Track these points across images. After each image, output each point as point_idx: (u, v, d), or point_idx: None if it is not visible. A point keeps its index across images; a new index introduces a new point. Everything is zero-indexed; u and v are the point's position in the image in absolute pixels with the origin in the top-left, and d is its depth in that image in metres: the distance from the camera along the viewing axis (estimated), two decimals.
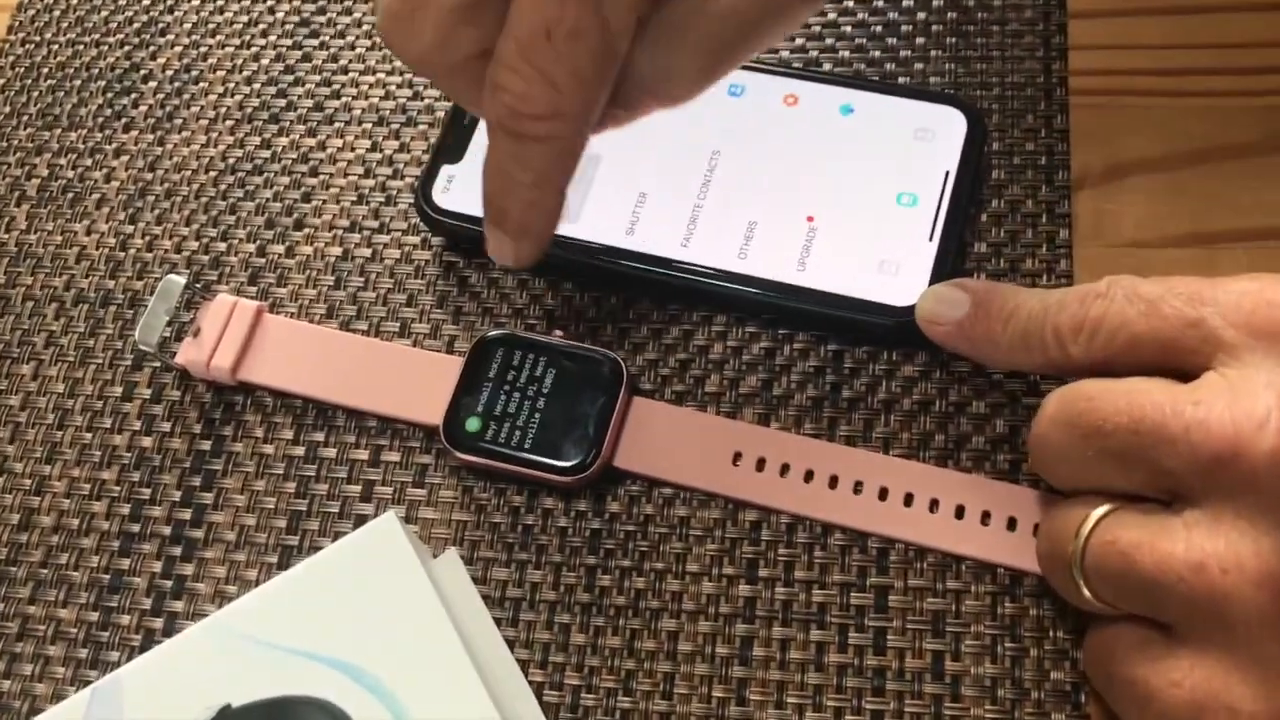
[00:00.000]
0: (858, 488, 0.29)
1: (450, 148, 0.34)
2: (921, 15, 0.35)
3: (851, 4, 0.36)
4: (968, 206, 0.31)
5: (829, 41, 0.35)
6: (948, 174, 0.31)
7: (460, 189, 0.33)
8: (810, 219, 0.31)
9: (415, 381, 0.31)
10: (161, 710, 0.26)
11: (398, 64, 0.37)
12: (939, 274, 0.30)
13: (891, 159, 0.32)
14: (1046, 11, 0.35)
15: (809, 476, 0.29)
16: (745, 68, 0.33)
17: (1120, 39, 0.34)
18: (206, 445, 0.32)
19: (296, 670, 0.26)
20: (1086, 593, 0.24)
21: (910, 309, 0.29)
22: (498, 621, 0.29)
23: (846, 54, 0.35)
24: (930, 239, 0.30)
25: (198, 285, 0.34)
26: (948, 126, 0.32)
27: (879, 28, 0.35)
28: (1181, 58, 0.34)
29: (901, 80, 0.34)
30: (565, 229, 0.32)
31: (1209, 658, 0.22)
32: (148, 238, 0.36)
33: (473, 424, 0.30)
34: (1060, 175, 0.32)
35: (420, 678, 0.26)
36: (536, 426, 0.30)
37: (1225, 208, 0.31)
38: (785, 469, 0.29)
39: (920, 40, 0.35)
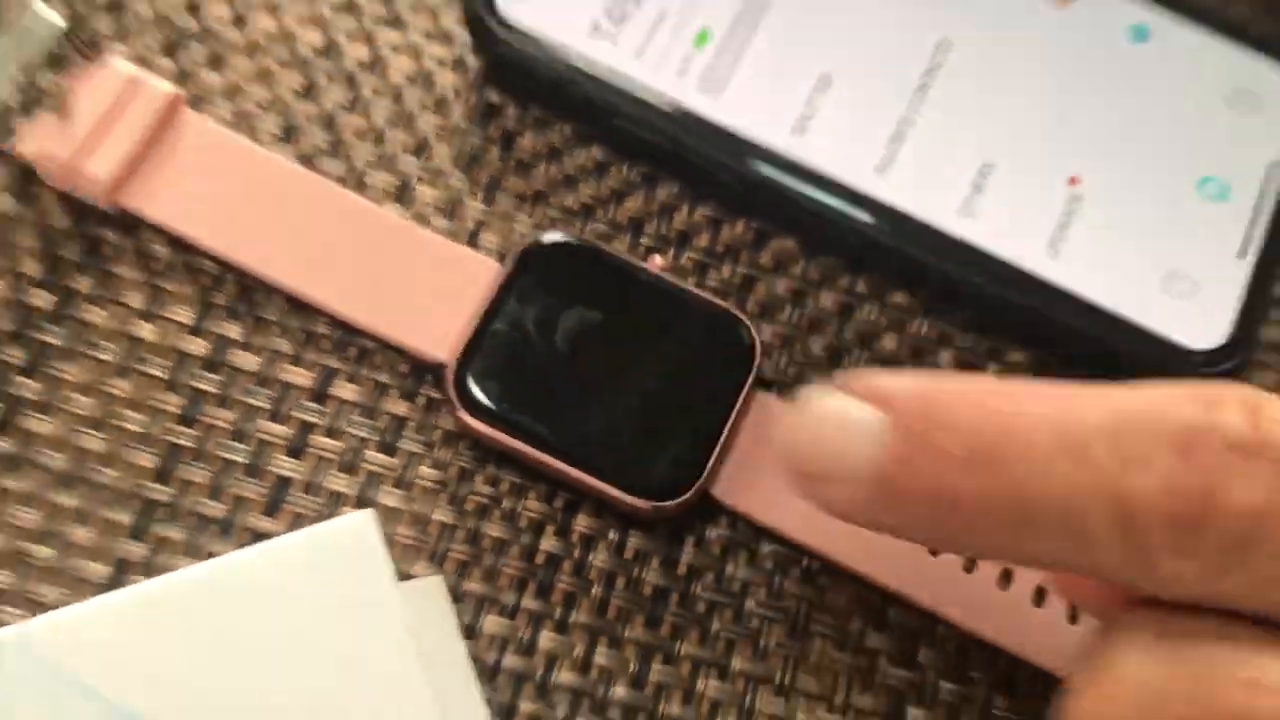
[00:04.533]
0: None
1: None
2: None
3: None
4: None
5: None
6: (1274, 166, 0.21)
7: (540, 3, 0.21)
8: (1074, 181, 0.20)
9: (416, 281, 0.19)
10: None
11: None
12: (1249, 312, 0.20)
13: (1195, 126, 0.21)
14: None
15: (1007, 575, 0.19)
16: None
17: None
18: (40, 300, 0.19)
19: None
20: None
21: (1210, 355, 0.19)
22: (490, 703, 0.17)
23: None
24: (1242, 255, 0.20)
25: (80, 37, 0.20)
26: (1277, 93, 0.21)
27: None
28: None
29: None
30: (694, 101, 0.20)
31: None
32: None
33: (500, 375, 0.18)
34: None
35: None
36: (602, 406, 0.18)
37: None
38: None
39: None
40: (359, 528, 0.16)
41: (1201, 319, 0.20)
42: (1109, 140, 0.21)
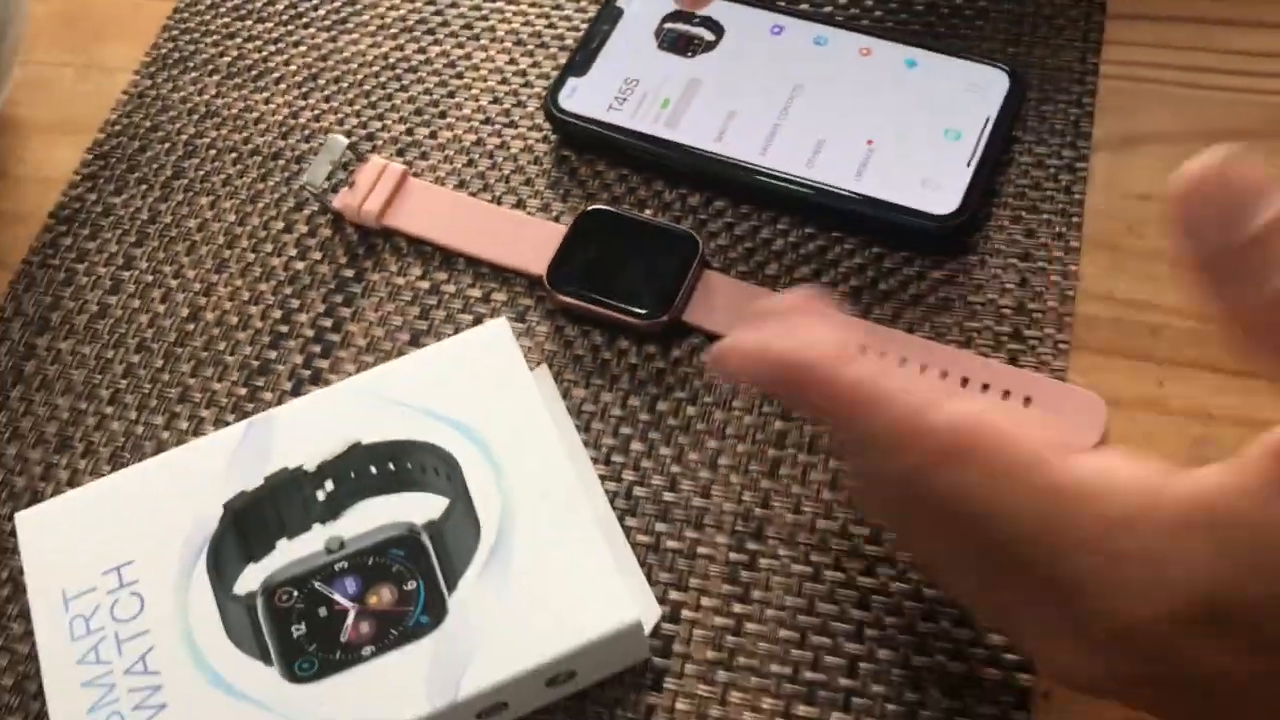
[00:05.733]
0: (881, 356, 0.35)
1: (578, 64, 0.41)
2: (984, 2, 0.42)
3: None
4: (1001, 150, 0.37)
5: (903, 16, 0.42)
6: (988, 119, 0.37)
7: (582, 96, 0.40)
8: (870, 142, 0.38)
9: (526, 239, 0.38)
10: (305, 442, 0.32)
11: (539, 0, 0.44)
12: (971, 193, 0.36)
13: (944, 103, 0.38)
14: (1088, 11, 0.41)
15: None
16: (824, 22, 0.40)
17: (1150, 39, 0.40)
18: (350, 274, 0.39)
19: (418, 423, 0.32)
20: None
21: (947, 217, 0.36)
22: (575, 428, 0.35)
23: (918, 27, 0.41)
24: (968, 165, 0.37)
25: (355, 150, 0.41)
26: (995, 84, 0.38)
27: (945, 6, 0.42)
28: (1202, 58, 0.40)
29: (958, 44, 0.40)
30: (664, 132, 0.38)
31: None
32: (316, 112, 0.43)
33: (567, 277, 0.36)
34: (1083, 140, 0.38)
35: (516, 445, 0.32)
36: (622, 280, 0.36)
37: None
38: None
39: (980, 22, 0.41)
40: (499, 327, 0.34)
41: (945, 200, 0.36)
42: (893, 117, 0.38)
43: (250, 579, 0.30)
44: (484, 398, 0.32)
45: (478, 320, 0.37)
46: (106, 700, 0.29)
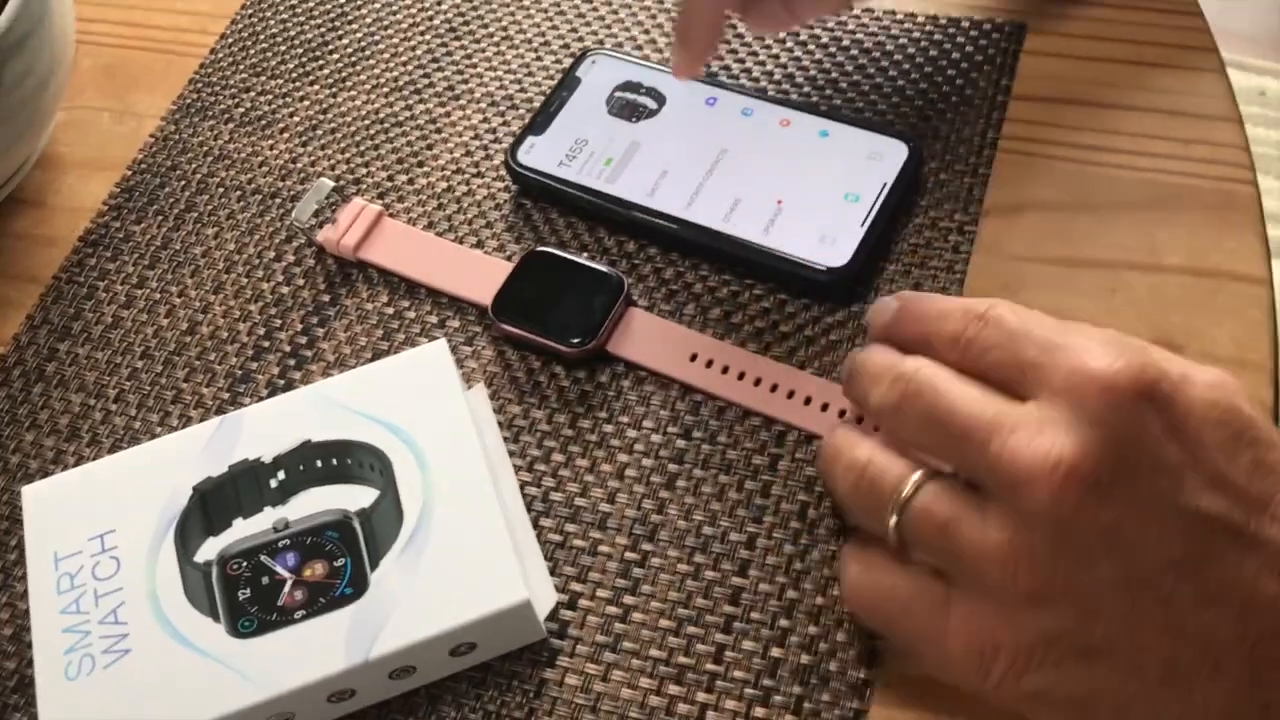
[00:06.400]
0: (773, 388, 0.40)
1: (538, 124, 0.46)
2: (894, 76, 0.47)
3: (860, 61, 0.48)
4: (896, 210, 0.42)
5: (827, 91, 0.47)
6: (885, 184, 0.42)
7: (539, 153, 0.45)
8: (780, 201, 0.43)
9: (478, 274, 0.44)
10: (266, 438, 0.38)
11: (513, 66, 0.50)
12: (862, 249, 0.41)
13: (847, 169, 0.43)
14: (994, 92, 0.46)
15: (740, 375, 0.40)
16: (754, 96, 0.45)
17: (1046, 118, 0.45)
18: (326, 298, 0.45)
19: (361, 426, 0.37)
20: (892, 533, 0.32)
21: (838, 269, 0.41)
22: (504, 439, 0.40)
23: (839, 101, 0.47)
24: (861, 225, 0.42)
25: (341, 192, 0.47)
26: (894, 153, 0.43)
27: (867, 85, 0.47)
28: (1090, 137, 0.45)
29: (870, 117, 0.45)
30: (604, 187, 0.44)
31: (981, 610, 0.31)
32: (313, 158, 0.49)
33: (510, 307, 0.42)
34: (975, 205, 0.43)
35: (442, 448, 0.37)
36: (557, 313, 0.42)
37: (1096, 242, 0.42)
38: (725, 369, 0.40)
39: (896, 99, 0.46)
40: (439, 348, 0.39)
41: (838, 254, 0.41)
42: (801, 180, 0.43)
43: (209, 550, 0.36)
44: (419, 407, 0.38)
45: (433, 340, 0.43)
46: (82, 645, 0.35)
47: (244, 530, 0.36)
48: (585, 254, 0.44)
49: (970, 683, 0.31)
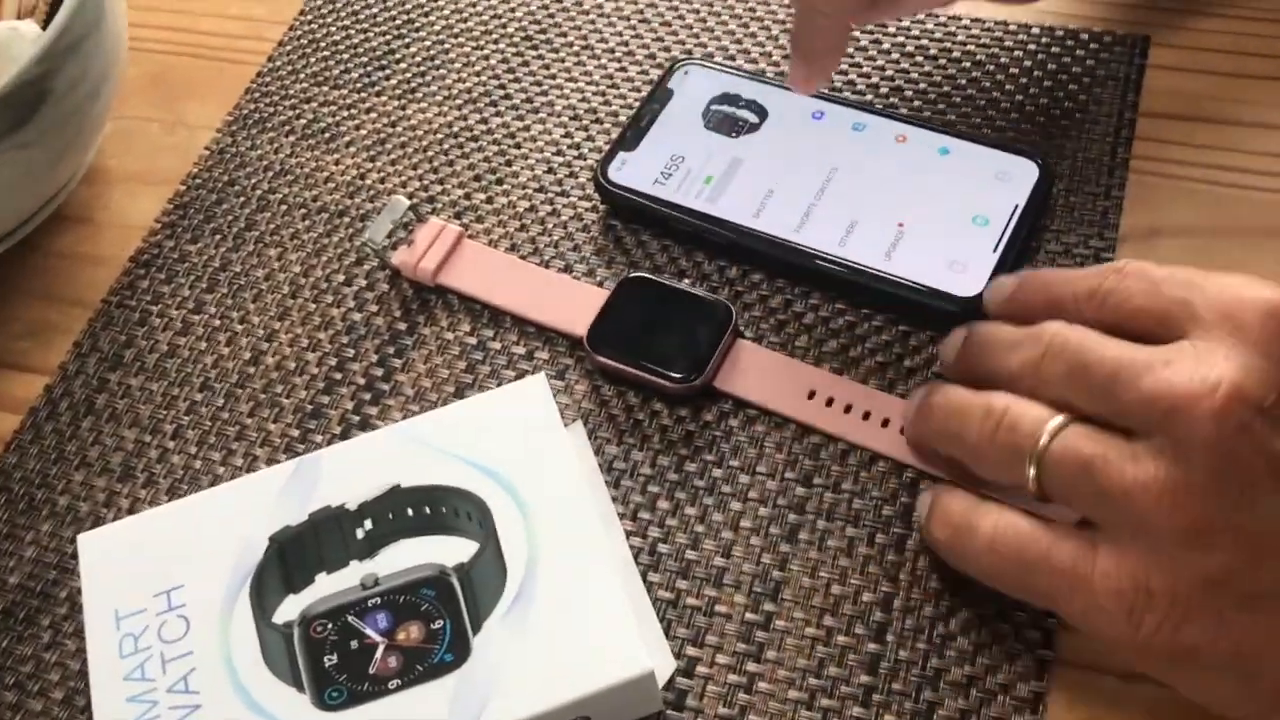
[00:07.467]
0: (903, 430, 0.36)
1: (628, 140, 0.43)
2: (1011, 90, 0.43)
3: (973, 74, 0.44)
4: (1028, 236, 0.39)
5: (940, 105, 0.43)
6: (1016, 206, 0.39)
7: (630, 170, 0.42)
8: (901, 224, 0.39)
9: (570, 302, 0.40)
10: (348, 483, 0.34)
11: (595, 77, 0.47)
12: (996, 277, 0.37)
13: (973, 189, 0.40)
14: (1121, 109, 0.43)
15: (866, 415, 0.36)
16: (864, 109, 0.42)
17: (1179, 137, 0.42)
18: (403, 327, 0.41)
19: (455, 469, 0.34)
20: (1031, 482, 0.30)
21: (971, 299, 0.37)
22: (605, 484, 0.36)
23: (954, 116, 0.43)
24: (994, 251, 0.38)
25: (415, 211, 0.43)
26: (1024, 173, 0.40)
27: (982, 99, 0.43)
28: (1227, 158, 0.41)
29: (991, 134, 0.42)
30: (705, 207, 0.40)
31: (1131, 553, 0.28)
32: (382, 174, 0.45)
33: (607, 339, 0.38)
34: (1111, 230, 0.40)
35: (545, 495, 0.33)
36: (658, 345, 0.38)
37: (1241, 269, 0.38)
38: (848, 408, 0.37)
39: (1015, 114, 0.43)
40: (537, 383, 0.36)
41: (970, 283, 0.38)
42: (924, 201, 0.40)
43: (289, 609, 0.32)
44: (518, 449, 0.34)
45: (520, 376, 0.39)
46: (149, 715, 0.31)
47: (328, 587, 0.32)
48: (685, 280, 0.41)
49: (1119, 636, 0.28)
